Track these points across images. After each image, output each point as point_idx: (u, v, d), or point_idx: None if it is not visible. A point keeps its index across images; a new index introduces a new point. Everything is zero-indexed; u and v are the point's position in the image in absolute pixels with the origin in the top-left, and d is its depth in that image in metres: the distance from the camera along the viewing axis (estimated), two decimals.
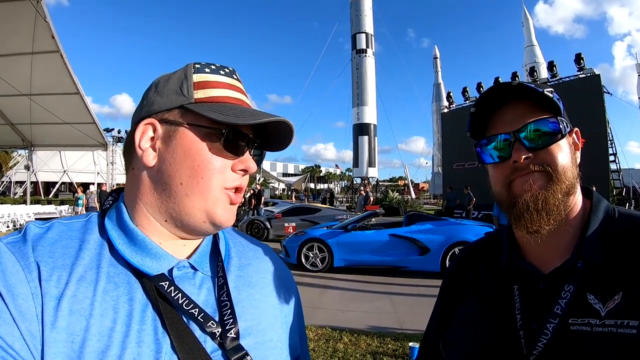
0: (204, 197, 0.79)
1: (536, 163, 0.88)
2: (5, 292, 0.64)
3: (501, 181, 0.92)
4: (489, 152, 0.94)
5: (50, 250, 0.72)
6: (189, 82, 0.81)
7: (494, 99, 0.93)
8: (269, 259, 1.00)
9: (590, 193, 0.97)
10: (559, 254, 0.90)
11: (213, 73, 0.84)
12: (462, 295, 1.06)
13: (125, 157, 0.86)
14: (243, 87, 0.89)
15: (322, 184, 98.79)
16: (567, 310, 0.83)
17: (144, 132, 0.80)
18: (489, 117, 0.95)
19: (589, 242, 0.87)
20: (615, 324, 0.77)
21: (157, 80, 0.85)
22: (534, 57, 44.88)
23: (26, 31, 12.74)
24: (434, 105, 65.96)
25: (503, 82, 0.92)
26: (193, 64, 0.84)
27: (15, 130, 18.91)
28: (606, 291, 0.81)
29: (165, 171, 0.79)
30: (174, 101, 0.80)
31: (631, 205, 23.17)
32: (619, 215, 0.91)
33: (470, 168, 26.08)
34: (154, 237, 0.80)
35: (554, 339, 0.82)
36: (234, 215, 0.84)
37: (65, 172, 38.42)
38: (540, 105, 0.90)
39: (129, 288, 0.74)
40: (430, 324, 1.17)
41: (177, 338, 0.72)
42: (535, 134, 0.88)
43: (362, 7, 48.70)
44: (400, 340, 5.37)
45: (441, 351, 1.07)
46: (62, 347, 0.65)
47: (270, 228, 16.38)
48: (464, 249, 1.19)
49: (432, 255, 9.52)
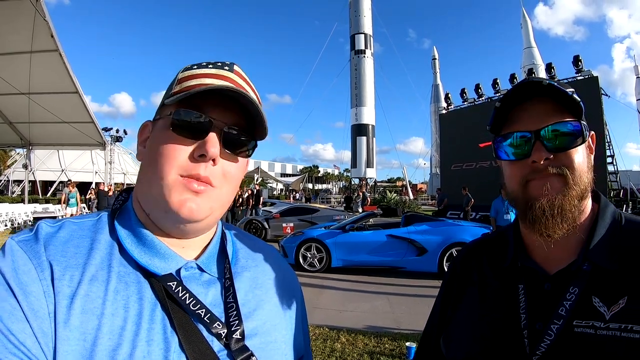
0: (158, 185, 0.76)
1: (554, 165, 0.86)
2: (18, 290, 0.65)
3: (518, 180, 0.91)
4: (505, 148, 0.92)
5: (62, 249, 0.73)
6: (175, 80, 0.83)
7: (518, 95, 0.90)
8: (275, 260, 1.00)
9: (599, 196, 0.96)
10: (565, 256, 0.90)
11: (200, 68, 0.83)
12: (466, 292, 1.05)
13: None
14: (237, 78, 0.83)
15: (320, 184, 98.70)
16: (572, 311, 0.83)
17: (141, 133, 0.86)
18: (509, 112, 0.93)
19: (597, 245, 0.87)
20: (620, 328, 0.77)
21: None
22: (533, 59, 44.93)
23: (25, 30, 12.71)
24: (432, 106, 66.04)
25: (533, 78, 0.89)
26: (190, 65, 0.85)
27: (13, 129, 18.90)
28: (611, 295, 0.81)
29: (143, 166, 0.82)
30: (162, 101, 0.83)
31: (628, 207, 23.21)
32: (626, 221, 0.91)
33: (468, 169, 26.12)
34: (158, 236, 0.80)
35: (557, 339, 0.82)
36: (200, 206, 0.77)
37: (64, 171, 38.17)
38: (563, 106, 0.88)
39: (139, 288, 0.75)
40: (431, 321, 1.16)
41: (185, 337, 0.73)
42: (557, 135, 0.86)
43: (361, 8, 48.65)
44: (397, 340, 5.38)
45: (442, 348, 1.06)
46: (75, 345, 0.65)
47: (269, 228, 16.34)
48: (468, 247, 1.17)
49: (429, 256, 9.53)
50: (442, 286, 1.16)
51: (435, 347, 1.09)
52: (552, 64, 24.26)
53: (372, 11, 50.16)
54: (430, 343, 1.13)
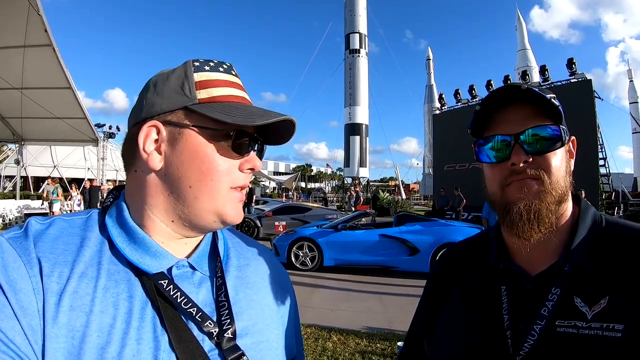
0: (214, 198, 0.79)
1: (532, 168, 0.88)
2: (7, 287, 0.64)
3: (497, 182, 0.92)
4: (487, 151, 0.94)
5: (51, 246, 0.72)
6: (190, 82, 0.80)
7: (499, 99, 0.92)
8: (267, 259, 1.00)
9: (579, 199, 0.98)
10: (546, 257, 0.91)
11: (213, 70, 0.83)
12: (449, 294, 1.06)
13: (125, 159, 0.85)
14: (241, 82, 0.88)
15: (313, 183, 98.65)
16: (554, 312, 0.84)
17: (148, 134, 0.78)
18: (490, 116, 0.95)
19: (577, 246, 0.89)
20: (602, 327, 0.79)
21: (155, 80, 0.82)
22: (527, 61, 45.06)
23: (19, 24, 12.56)
24: (426, 107, 65.92)
25: (512, 83, 0.92)
26: (192, 61, 0.83)
27: (5, 124, 18.69)
28: (593, 295, 0.83)
29: (172, 174, 0.78)
30: (176, 102, 0.79)
31: (620, 209, 23.39)
32: (607, 222, 0.93)
33: (461, 170, 26.16)
34: (156, 236, 0.80)
35: (540, 339, 0.83)
36: (242, 212, 0.86)
37: (56, 167, 37.92)
38: (543, 110, 0.90)
39: (129, 285, 0.74)
40: (415, 322, 1.17)
41: (176, 336, 0.72)
42: (535, 139, 0.88)
43: (356, 8, 48.78)
44: (389, 339, 5.39)
45: (425, 350, 1.07)
46: (63, 342, 0.65)
47: (261, 226, 16.37)
48: (451, 248, 1.18)
49: (421, 256, 9.56)
50: (426, 287, 1.18)
51: (420, 348, 1.10)
52: (546, 66, 24.37)
53: (367, 11, 50.27)
54: (414, 344, 1.14)
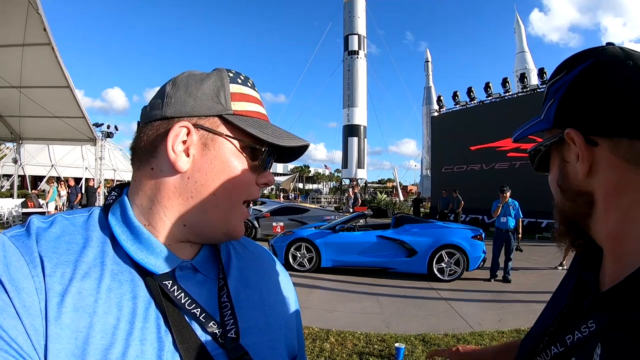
0: (231, 210, 0.81)
1: None
2: (10, 286, 0.64)
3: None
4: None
5: (54, 245, 0.71)
6: (226, 92, 0.81)
7: None
8: (267, 261, 1.01)
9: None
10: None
11: (243, 85, 0.85)
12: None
13: (139, 153, 0.82)
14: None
15: (310, 184, 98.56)
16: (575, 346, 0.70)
17: (178, 134, 0.77)
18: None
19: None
20: None
21: (185, 80, 0.81)
22: (525, 64, 45.24)
23: (17, 22, 12.51)
24: (424, 109, 65.96)
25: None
26: (226, 71, 0.84)
27: (4, 122, 18.63)
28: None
29: (199, 180, 0.78)
30: (211, 108, 0.79)
31: None
32: None
33: (459, 171, 26.21)
34: (162, 237, 0.79)
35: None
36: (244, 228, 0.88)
37: (53, 166, 37.80)
38: None
39: (132, 286, 0.74)
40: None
41: (180, 336, 0.73)
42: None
43: (355, 9, 48.75)
44: (386, 340, 5.42)
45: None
46: (66, 343, 0.64)
47: (259, 227, 16.36)
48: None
49: (419, 258, 9.57)
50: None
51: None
52: (544, 68, 24.34)
53: (366, 13, 50.29)
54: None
